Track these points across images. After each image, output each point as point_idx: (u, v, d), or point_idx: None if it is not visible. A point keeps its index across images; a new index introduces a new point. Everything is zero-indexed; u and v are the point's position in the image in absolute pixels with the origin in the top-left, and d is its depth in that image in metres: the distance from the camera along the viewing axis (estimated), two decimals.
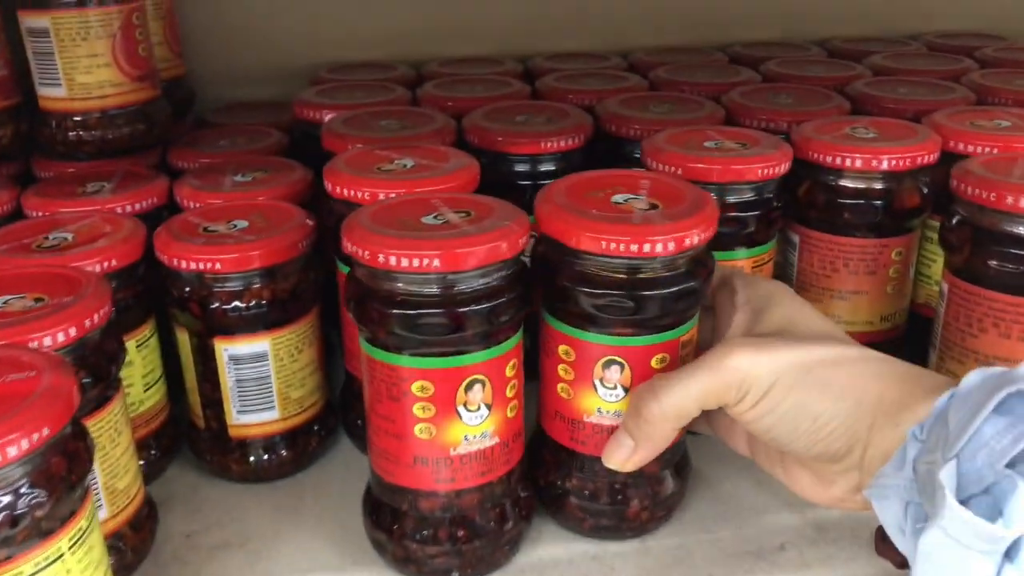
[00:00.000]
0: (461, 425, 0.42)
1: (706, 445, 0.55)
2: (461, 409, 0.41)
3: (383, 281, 0.40)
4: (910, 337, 0.59)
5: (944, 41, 0.84)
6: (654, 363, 0.43)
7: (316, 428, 0.54)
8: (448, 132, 0.58)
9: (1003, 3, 0.94)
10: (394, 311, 0.40)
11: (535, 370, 0.47)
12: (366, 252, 0.39)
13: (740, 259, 0.52)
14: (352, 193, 0.47)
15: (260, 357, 0.50)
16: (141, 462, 0.51)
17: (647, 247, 0.40)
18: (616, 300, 0.41)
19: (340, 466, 0.54)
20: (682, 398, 0.40)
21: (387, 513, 0.45)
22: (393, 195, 0.46)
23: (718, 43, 0.85)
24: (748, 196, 0.51)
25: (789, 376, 0.38)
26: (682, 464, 0.49)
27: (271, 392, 0.50)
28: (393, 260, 0.38)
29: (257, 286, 0.48)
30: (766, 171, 0.50)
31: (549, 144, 0.56)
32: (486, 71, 0.74)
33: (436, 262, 0.38)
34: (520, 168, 0.57)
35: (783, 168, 0.51)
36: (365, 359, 0.42)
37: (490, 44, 0.83)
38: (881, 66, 0.74)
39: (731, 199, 0.51)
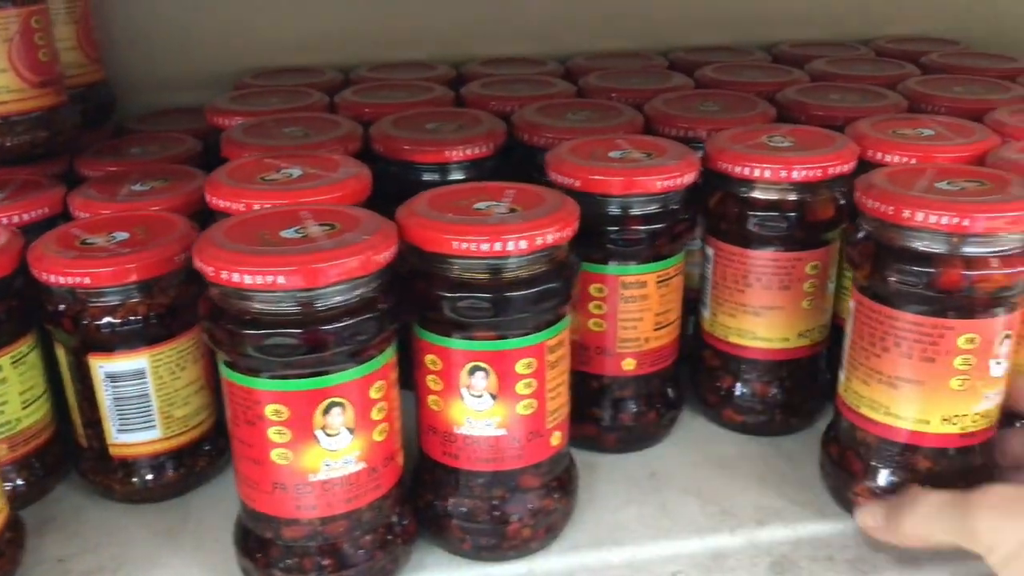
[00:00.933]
0: (320, 450, 0.40)
1: (610, 466, 0.53)
2: (319, 433, 0.39)
3: (233, 300, 0.38)
4: (834, 354, 0.56)
5: (894, 46, 0.82)
6: (520, 368, 0.42)
7: (206, 448, 0.52)
8: (353, 140, 0.56)
9: (964, 5, 0.92)
10: (243, 331, 0.38)
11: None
12: (211, 268, 0.37)
13: (645, 273, 0.50)
14: (227, 204, 0.45)
15: (138, 374, 0.48)
16: (20, 482, 0.50)
17: (498, 245, 0.39)
18: (474, 302, 0.40)
19: (231, 487, 0.52)
20: (924, 539, 0.42)
21: (254, 541, 0.43)
22: (267, 206, 0.44)
23: (662, 48, 0.83)
24: (651, 208, 0.49)
25: None
26: (566, 480, 0.47)
27: (151, 411, 0.49)
28: (236, 277, 0.37)
29: (133, 301, 0.47)
30: (666, 183, 0.48)
31: (455, 153, 0.55)
32: (415, 76, 0.72)
33: (281, 279, 0.36)
34: (428, 177, 0.55)
35: (687, 179, 0.49)
36: (223, 381, 0.41)
37: (429, 48, 0.81)
38: (822, 71, 0.71)
39: (634, 212, 0.49)
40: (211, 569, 0.46)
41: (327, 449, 0.40)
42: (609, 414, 0.54)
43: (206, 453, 0.52)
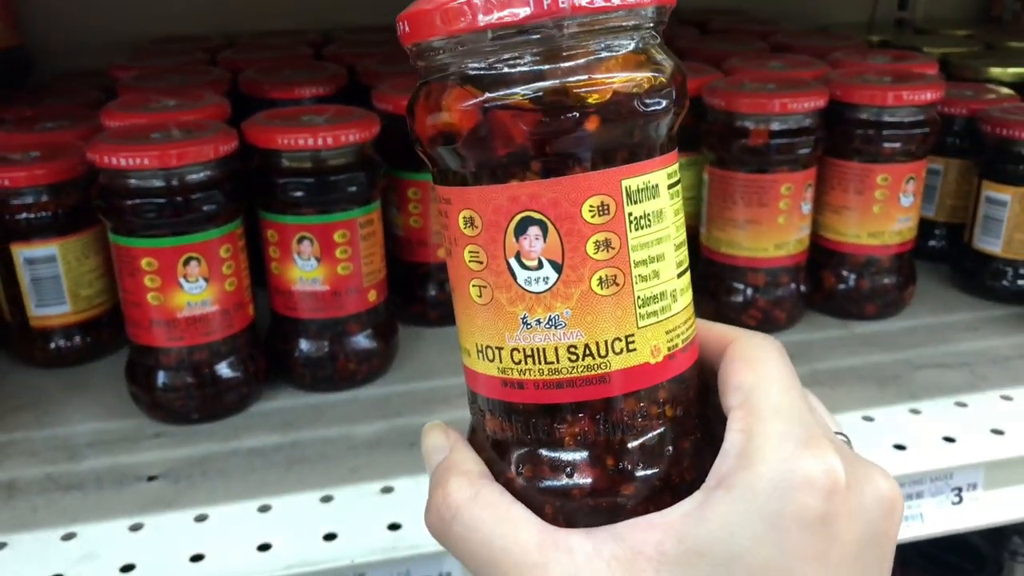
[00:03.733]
0: (183, 294, 0.54)
1: (434, 336, 0.68)
2: (182, 280, 0.54)
3: (116, 180, 0.53)
4: None
5: (696, 16, 0.99)
6: (336, 237, 0.57)
7: (107, 323, 0.66)
8: (222, 83, 0.70)
9: None
10: (123, 201, 0.52)
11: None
12: (96, 156, 0.52)
13: None
14: (117, 124, 0.60)
15: (51, 259, 0.62)
16: None
17: (311, 141, 0.54)
18: (296, 185, 0.55)
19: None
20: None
21: (139, 370, 0.57)
22: (141, 121, 0.58)
23: None
24: None
25: None
26: (384, 330, 0.62)
27: (62, 289, 0.62)
28: (114, 160, 0.51)
29: (44, 200, 0.60)
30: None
31: (305, 91, 0.69)
32: (287, 40, 0.87)
33: (146, 160, 0.51)
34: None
35: None
36: (112, 246, 0.55)
37: (304, 18, 0.96)
38: None
39: None
40: (108, 404, 0.60)
41: (189, 293, 0.54)
42: (432, 295, 0.69)
43: (108, 327, 0.66)
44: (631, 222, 0.25)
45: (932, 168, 0.75)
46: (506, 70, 0.24)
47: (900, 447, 0.54)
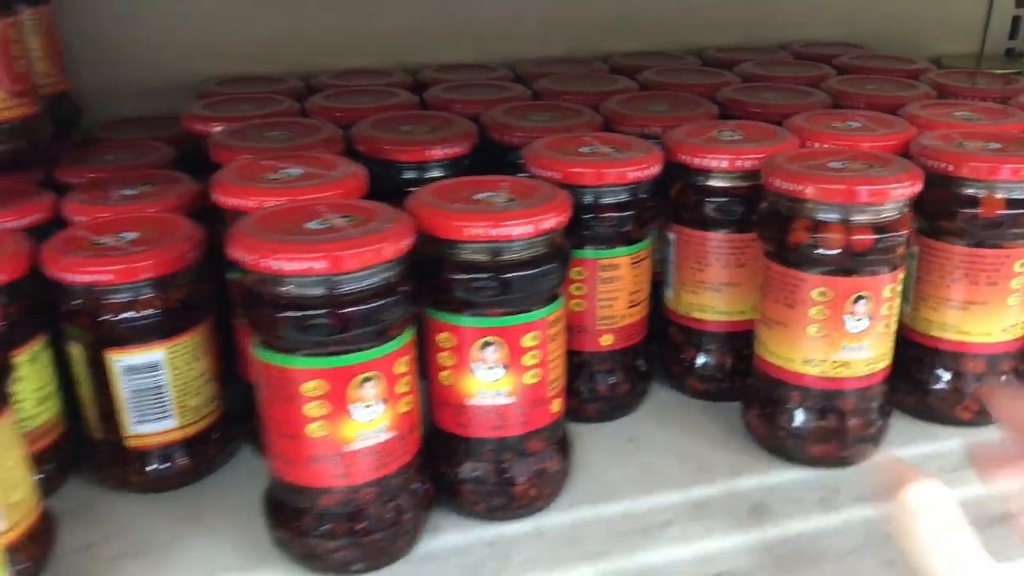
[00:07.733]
0: (353, 422, 0.43)
1: (591, 435, 0.58)
2: (354, 406, 0.43)
3: (270, 286, 0.41)
4: None
5: (807, 50, 0.90)
6: (526, 341, 0.46)
7: (215, 436, 0.54)
8: (336, 141, 0.59)
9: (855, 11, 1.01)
10: (283, 314, 0.41)
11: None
12: (251, 257, 0.40)
13: (620, 256, 0.56)
14: (239, 202, 0.48)
15: (155, 366, 0.50)
16: (37, 477, 0.51)
17: (504, 231, 0.44)
18: (486, 283, 0.45)
19: (241, 472, 0.55)
20: None
21: (287, 511, 0.46)
22: (279, 203, 0.47)
23: (601, 53, 0.89)
24: (624, 197, 0.55)
25: None
26: (564, 444, 0.52)
27: (168, 401, 0.51)
28: (275, 264, 0.40)
29: (148, 296, 0.49)
30: (637, 174, 0.53)
31: (434, 152, 0.59)
32: (375, 82, 0.76)
33: (319, 265, 0.40)
34: (408, 175, 0.59)
35: (654, 171, 0.54)
36: (258, 364, 0.44)
37: (379, 55, 0.85)
38: (751, 73, 0.78)
39: (609, 200, 0.54)
40: (237, 545, 0.49)
41: (360, 421, 0.43)
42: (590, 387, 0.59)
43: (216, 441, 0.54)
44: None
45: None
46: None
47: None
